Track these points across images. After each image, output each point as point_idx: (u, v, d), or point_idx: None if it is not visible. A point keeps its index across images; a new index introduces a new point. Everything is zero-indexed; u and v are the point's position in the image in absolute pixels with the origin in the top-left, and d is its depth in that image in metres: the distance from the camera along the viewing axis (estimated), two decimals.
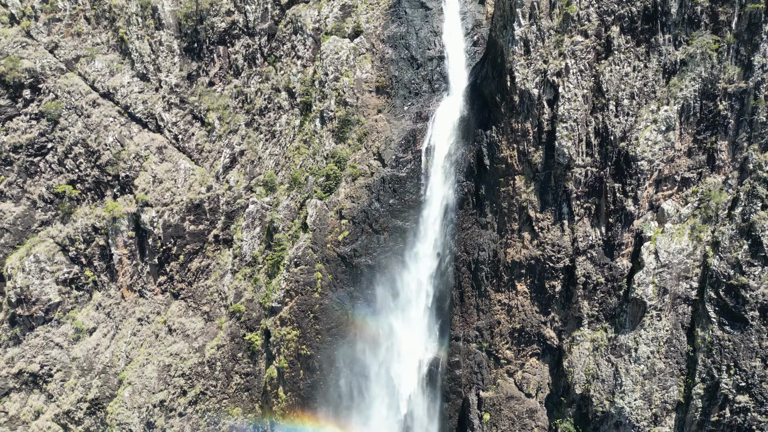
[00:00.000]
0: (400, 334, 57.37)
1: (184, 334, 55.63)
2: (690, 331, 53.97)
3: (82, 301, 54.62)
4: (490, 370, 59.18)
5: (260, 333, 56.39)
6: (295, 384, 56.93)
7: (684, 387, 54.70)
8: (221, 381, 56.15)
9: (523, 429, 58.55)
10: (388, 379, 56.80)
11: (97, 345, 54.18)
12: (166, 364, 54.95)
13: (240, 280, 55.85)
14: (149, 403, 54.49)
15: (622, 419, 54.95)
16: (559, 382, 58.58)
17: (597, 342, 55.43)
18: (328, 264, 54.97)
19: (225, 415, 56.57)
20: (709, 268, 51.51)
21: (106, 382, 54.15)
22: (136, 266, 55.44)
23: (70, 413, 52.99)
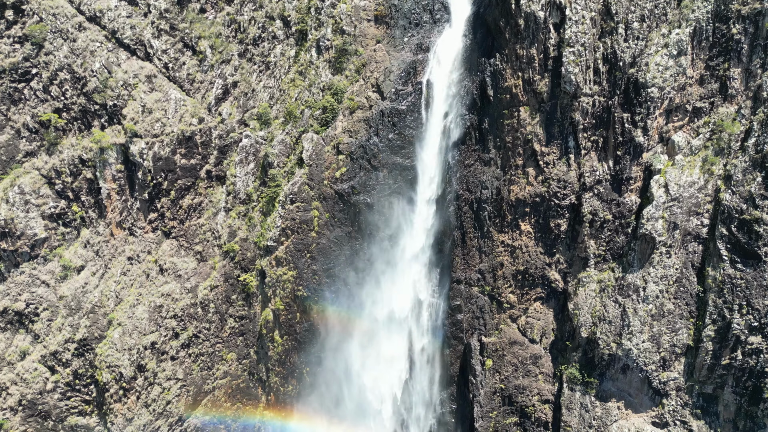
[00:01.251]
0: (400, 278, 56.15)
1: (176, 274, 54.77)
2: (700, 271, 53.78)
3: (69, 238, 53.74)
4: (493, 315, 58.51)
5: (255, 274, 55.57)
6: (291, 327, 56.25)
7: (694, 330, 54.49)
8: (215, 324, 55.38)
9: (527, 375, 57.98)
10: (388, 322, 55.73)
11: (86, 284, 53.32)
12: (157, 304, 54.19)
13: (234, 218, 54.95)
14: (140, 345, 53.80)
15: (630, 362, 54.55)
16: (564, 327, 58.13)
17: (604, 283, 54.85)
18: (325, 202, 54.04)
19: (219, 360, 55.86)
20: (720, 203, 51.07)
21: (94, 322, 53.34)
22: (126, 202, 54.46)
23: (57, 354, 52.29)
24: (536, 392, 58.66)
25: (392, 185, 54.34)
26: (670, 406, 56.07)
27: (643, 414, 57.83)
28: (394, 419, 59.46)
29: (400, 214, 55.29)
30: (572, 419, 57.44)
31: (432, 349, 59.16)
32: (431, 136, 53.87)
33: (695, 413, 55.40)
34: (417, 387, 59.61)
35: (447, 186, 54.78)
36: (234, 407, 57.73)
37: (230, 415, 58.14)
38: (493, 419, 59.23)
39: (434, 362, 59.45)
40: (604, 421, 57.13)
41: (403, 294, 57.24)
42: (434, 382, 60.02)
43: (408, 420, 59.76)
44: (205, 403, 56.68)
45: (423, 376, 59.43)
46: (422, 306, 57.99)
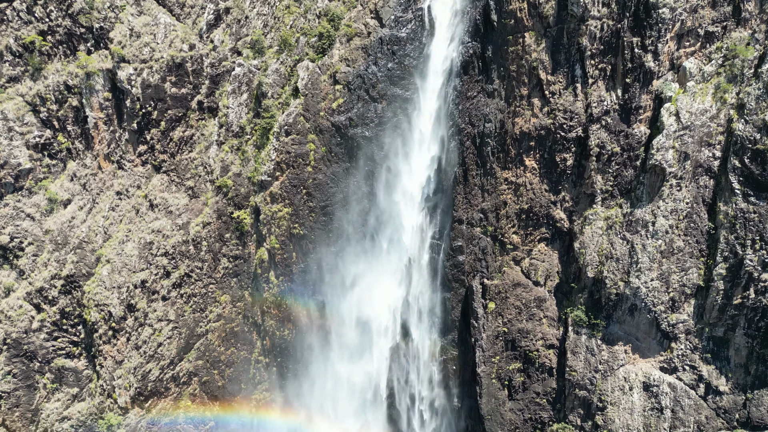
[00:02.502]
0: (400, 216, 54.93)
1: (167, 210, 53.70)
2: (711, 207, 52.43)
3: (55, 171, 52.77)
4: (495, 258, 57.56)
5: (249, 211, 54.66)
6: (287, 267, 55.34)
7: (704, 269, 53.87)
8: (207, 264, 54.38)
9: (531, 319, 57.10)
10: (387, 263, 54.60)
11: (72, 218, 52.29)
12: (147, 241, 53.19)
13: (226, 152, 53.92)
14: (129, 283, 52.82)
15: (638, 302, 53.69)
16: (569, 268, 57.51)
17: (611, 220, 53.94)
18: (322, 135, 52.94)
19: (212, 302, 54.96)
20: (733, 134, 50.31)
21: (82, 258, 52.29)
22: (114, 133, 53.34)
23: (44, 291, 51.34)
24: (540, 336, 57.75)
25: (391, 118, 53.30)
26: (678, 350, 55.27)
27: (650, 359, 57.02)
28: (395, 367, 58.43)
29: (400, 150, 54.02)
30: (578, 363, 56.57)
31: (432, 293, 57.94)
32: (432, 66, 52.70)
33: (705, 358, 54.67)
34: (416, 333, 58.48)
35: (448, 119, 53.44)
36: (228, 352, 56.86)
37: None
38: (496, 364, 58.33)
39: (434, 306, 58.27)
40: (610, 365, 56.27)
41: (407, 234, 55.98)
42: (435, 327, 58.91)
43: (408, 368, 58.72)
44: (197, 347, 55.82)
45: (423, 322, 58.27)
46: (423, 247, 56.72)
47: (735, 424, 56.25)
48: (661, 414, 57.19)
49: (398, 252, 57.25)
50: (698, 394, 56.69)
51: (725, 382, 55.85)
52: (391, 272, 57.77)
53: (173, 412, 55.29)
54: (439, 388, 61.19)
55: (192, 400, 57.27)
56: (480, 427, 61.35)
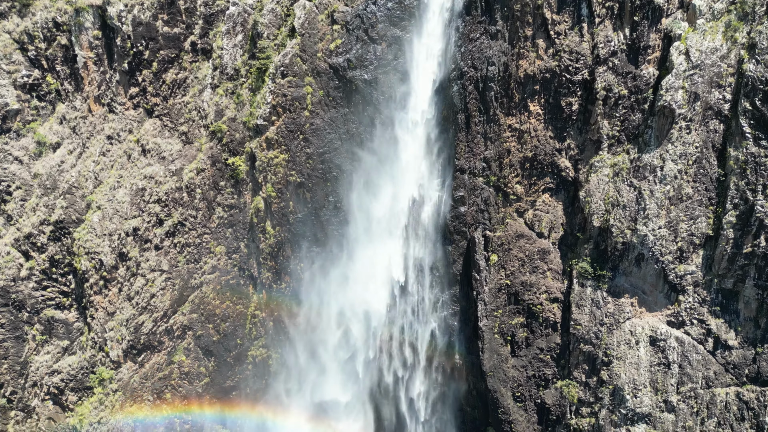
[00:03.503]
0: (400, 164, 53.76)
1: (160, 156, 52.67)
2: (721, 154, 51.07)
3: (44, 113, 51.76)
4: (498, 209, 56.54)
5: (245, 158, 53.85)
6: (284, 217, 54.28)
7: (714, 218, 52.86)
8: (202, 212, 53.36)
9: (534, 272, 56.18)
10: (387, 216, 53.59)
11: (62, 162, 51.32)
12: (139, 187, 52.24)
13: (221, 96, 52.80)
14: (121, 230, 51.82)
15: (645, 251, 52.72)
16: (573, 220, 56.67)
17: (618, 166, 53.08)
18: (319, 77, 51.93)
19: (207, 253, 54.05)
20: (744, 75, 48.96)
21: (72, 204, 51.29)
22: (104, 74, 52.24)
23: (32, 237, 50.41)
24: (544, 290, 56.81)
25: (391, 61, 52.25)
26: (686, 303, 54.36)
27: (657, 313, 56.09)
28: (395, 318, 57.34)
29: (400, 94, 52.78)
30: (582, 317, 55.58)
31: (433, 246, 56.82)
32: (433, 6, 51.33)
33: (714, 311, 53.78)
34: (416, 288, 57.39)
35: (450, 63, 52.21)
36: (223, 306, 55.95)
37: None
38: (498, 318, 57.37)
39: (435, 260, 57.12)
40: (616, 319, 55.29)
41: (404, 186, 54.82)
42: (435, 282, 57.78)
43: (413, 319, 57.67)
44: (192, 300, 54.90)
45: (423, 276, 57.14)
46: (424, 198, 55.55)
47: (744, 379, 55.39)
48: (668, 369, 56.24)
49: (398, 202, 56.10)
50: (706, 348, 55.75)
51: (734, 337, 54.91)
52: (390, 224, 56.71)
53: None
54: (441, 343, 60.16)
55: (186, 355, 56.26)
56: (482, 384, 60.39)
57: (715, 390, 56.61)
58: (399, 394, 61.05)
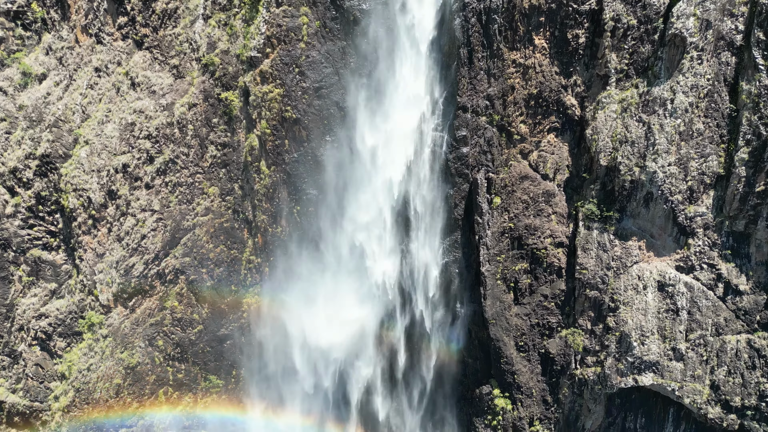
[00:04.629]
0: (400, 103, 52.08)
1: (150, 89, 50.98)
2: (733, 88, 49.29)
3: (29, 43, 50.35)
4: (501, 150, 54.98)
5: (238, 93, 51.96)
6: (279, 156, 52.63)
7: (725, 156, 50.78)
8: (194, 150, 51.79)
9: (539, 215, 54.70)
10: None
11: (48, 94, 49.73)
12: (128, 122, 50.61)
13: (213, 27, 51.26)
14: (110, 166, 50.34)
15: (654, 189, 51.17)
16: (579, 161, 55.15)
17: (626, 102, 51.49)
18: (315, 7, 50.54)
19: (200, 194, 52.38)
20: (757, 3, 46.97)
21: (58, 138, 49.75)
22: (92, 2, 50.65)
23: (17, 172, 49.05)
24: (549, 234, 55.22)
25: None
26: (696, 247, 52.78)
27: (666, 257, 54.52)
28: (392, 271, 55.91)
29: (400, 27, 50.93)
30: (588, 261, 54.06)
31: (433, 190, 55.17)
32: None
33: (724, 255, 52.21)
34: (416, 234, 55.78)
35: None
36: (217, 250, 54.35)
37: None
38: (501, 264, 55.83)
39: (436, 204, 55.48)
40: (623, 262, 53.75)
41: (405, 125, 53.11)
42: (436, 227, 56.16)
43: (413, 268, 56.15)
44: (184, 242, 53.31)
45: (423, 221, 55.53)
46: (424, 140, 53.86)
47: (756, 326, 53.85)
48: (676, 316, 54.68)
49: (398, 142, 54.41)
50: (716, 294, 54.20)
51: (745, 282, 53.34)
52: (390, 166, 55.06)
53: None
54: (440, 292, 58.61)
55: (179, 301, 54.76)
56: (484, 332, 58.92)
57: (726, 337, 55.09)
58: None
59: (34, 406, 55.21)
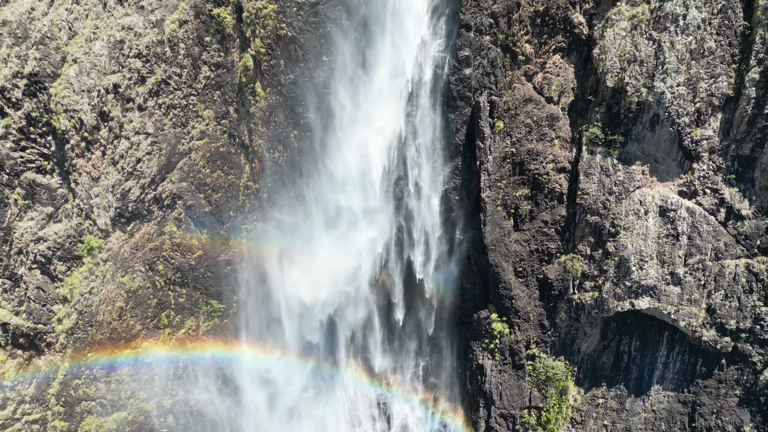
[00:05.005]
0: (402, 23, 49.99)
1: (138, 5, 49.28)
2: (748, 5, 47.24)
3: None
4: (505, 72, 53.33)
5: (231, 10, 49.38)
6: (274, 77, 51.10)
7: (735, 77, 49.27)
8: (187, 70, 50.24)
9: (542, 139, 53.78)
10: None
11: (32, 9, 47.90)
12: (117, 39, 48.76)
13: None
14: (100, 86, 48.88)
15: (661, 111, 50.00)
16: (585, 83, 53.72)
17: (636, 18, 49.54)
18: None
19: (194, 117, 51.26)
20: None
21: (46, 56, 48.12)
22: None
23: (6, 92, 48.20)
24: (551, 159, 54.41)
25: None
26: (700, 171, 52.05)
27: (669, 182, 53.94)
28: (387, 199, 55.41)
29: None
30: (590, 186, 53.46)
31: (434, 114, 53.85)
32: None
33: (728, 179, 51.53)
34: (417, 160, 54.90)
35: None
36: (214, 175, 53.66)
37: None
38: (502, 190, 55.28)
39: (437, 130, 54.29)
40: (626, 187, 53.19)
41: (406, 44, 51.10)
42: (437, 154, 55.23)
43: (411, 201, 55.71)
44: (180, 167, 52.56)
45: (424, 146, 54.50)
46: (426, 62, 51.99)
47: (755, 251, 53.94)
48: (676, 241, 54.67)
49: (399, 62, 52.55)
50: (718, 219, 53.96)
51: (748, 206, 52.97)
52: (389, 91, 53.43)
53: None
54: (441, 218, 58.42)
55: (177, 226, 54.57)
56: (483, 258, 59.15)
57: (725, 262, 55.30)
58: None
59: (38, 328, 56.18)
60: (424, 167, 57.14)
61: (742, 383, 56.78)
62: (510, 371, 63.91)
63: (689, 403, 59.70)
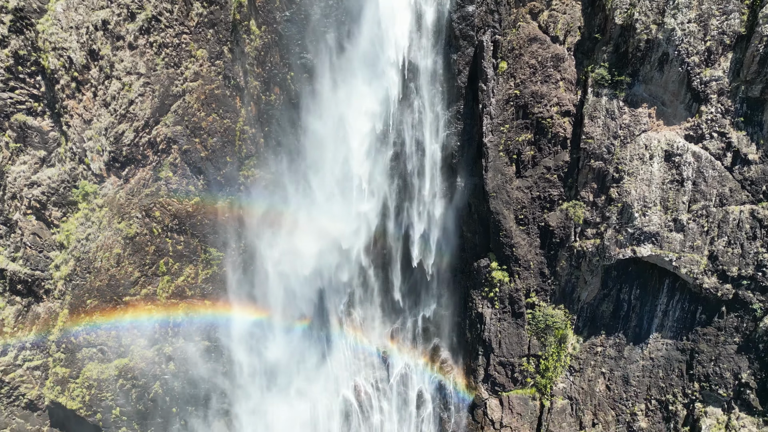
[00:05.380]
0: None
1: None
2: None
3: None
4: (510, 10, 51.73)
5: None
6: (270, 14, 49.56)
7: (748, 14, 47.38)
8: (178, 6, 48.79)
9: (546, 81, 52.59)
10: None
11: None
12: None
13: None
14: (89, 22, 47.44)
15: (671, 49, 48.54)
16: (592, 22, 51.98)
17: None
18: None
19: (187, 56, 49.89)
20: None
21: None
22: None
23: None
24: (555, 102, 53.03)
25: None
26: (708, 114, 50.73)
27: (676, 126, 52.69)
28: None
29: None
30: (595, 129, 52.24)
31: (436, 55, 52.11)
32: None
33: (736, 123, 50.28)
34: (418, 102, 53.40)
35: None
36: (209, 119, 52.36)
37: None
38: (505, 135, 54.04)
39: (438, 72, 52.61)
40: (631, 131, 51.96)
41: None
42: (438, 98, 53.73)
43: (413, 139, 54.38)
44: (174, 110, 51.17)
45: (424, 88, 52.94)
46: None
47: (761, 196, 53.03)
48: (681, 186, 53.73)
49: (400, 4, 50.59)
50: (724, 164, 52.86)
51: (755, 150, 51.75)
52: (390, 29, 51.53)
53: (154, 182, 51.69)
54: (442, 165, 57.38)
55: (173, 172, 53.51)
56: (484, 206, 58.35)
57: (729, 207, 54.48)
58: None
59: (35, 274, 55.69)
60: (426, 113, 55.70)
61: (741, 330, 56.74)
62: (509, 319, 63.95)
63: (687, 351, 59.89)
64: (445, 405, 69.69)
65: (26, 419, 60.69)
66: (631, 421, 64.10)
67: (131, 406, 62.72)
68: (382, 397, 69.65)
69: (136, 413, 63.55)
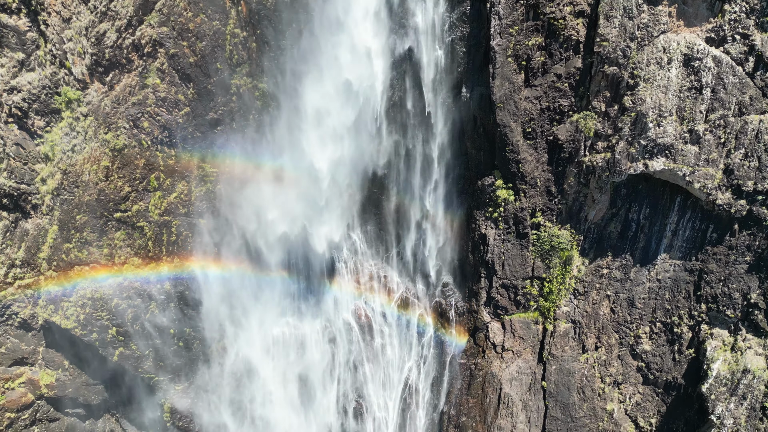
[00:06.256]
0: None
1: None
2: None
3: None
4: None
5: None
6: None
7: None
8: None
9: None
10: None
11: None
12: None
13: None
14: None
15: None
16: None
17: None
18: None
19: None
20: None
21: None
22: None
23: None
24: (569, 1, 49.04)
25: None
26: (732, 14, 47.32)
27: (696, 27, 49.13)
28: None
29: None
30: (611, 31, 48.67)
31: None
32: None
33: (761, 23, 46.78)
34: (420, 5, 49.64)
35: None
36: (197, 20, 48.96)
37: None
38: (514, 38, 50.49)
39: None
40: (649, 32, 48.44)
41: None
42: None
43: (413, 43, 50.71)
44: (159, 9, 47.80)
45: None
46: None
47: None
48: (699, 94, 50.53)
49: None
50: (745, 70, 49.42)
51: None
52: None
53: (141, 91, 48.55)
54: (444, 73, 54.14)
55: (161, 78, 50.34)
56: (490, 118, 55.33)
57: (748, 117, 51.36)
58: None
59: (21, 188, 53.21)
60: (429, 14, 51.95)
61: (753, 249, 54.70)
62: (513, 240, 61.94)
63: (696, 271, 58.09)
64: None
65: (21, 339, 59.68)
66: (634, 344, 63.02)
67: (129, 326, 61.82)
68: (382, 321, 68.79)
69: (134, 333, 62.74)
